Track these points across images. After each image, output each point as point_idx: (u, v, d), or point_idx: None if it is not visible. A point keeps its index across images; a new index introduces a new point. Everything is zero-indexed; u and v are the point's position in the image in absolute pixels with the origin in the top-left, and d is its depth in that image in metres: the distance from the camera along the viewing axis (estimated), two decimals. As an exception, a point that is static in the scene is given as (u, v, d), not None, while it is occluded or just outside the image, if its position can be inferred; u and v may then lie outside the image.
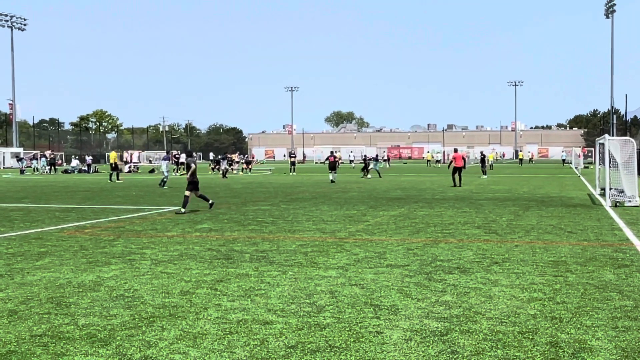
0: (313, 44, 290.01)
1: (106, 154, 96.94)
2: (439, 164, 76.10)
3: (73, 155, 76.73)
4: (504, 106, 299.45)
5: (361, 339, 5.50)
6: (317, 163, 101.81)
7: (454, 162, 29.36)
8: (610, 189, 19.11)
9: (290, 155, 56.14)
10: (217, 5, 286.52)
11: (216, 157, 50.97)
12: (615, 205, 18.41)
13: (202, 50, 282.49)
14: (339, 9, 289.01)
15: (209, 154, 61.81)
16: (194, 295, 7.16)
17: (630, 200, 18.39)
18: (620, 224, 14.02)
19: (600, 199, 20.58)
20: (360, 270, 8.61)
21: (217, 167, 47.39)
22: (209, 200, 17.72)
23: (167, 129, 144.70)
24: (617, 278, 8.05)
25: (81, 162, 63.67)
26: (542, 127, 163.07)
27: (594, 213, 16.57)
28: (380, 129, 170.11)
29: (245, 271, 8.60)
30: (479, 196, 22.94)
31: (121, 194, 25.56)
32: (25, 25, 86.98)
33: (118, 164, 37.67)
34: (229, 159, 47.44)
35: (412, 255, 9.84)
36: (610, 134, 71.96)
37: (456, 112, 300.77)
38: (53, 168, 57.04)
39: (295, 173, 49.45)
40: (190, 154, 18.95)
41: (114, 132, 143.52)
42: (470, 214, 16.46)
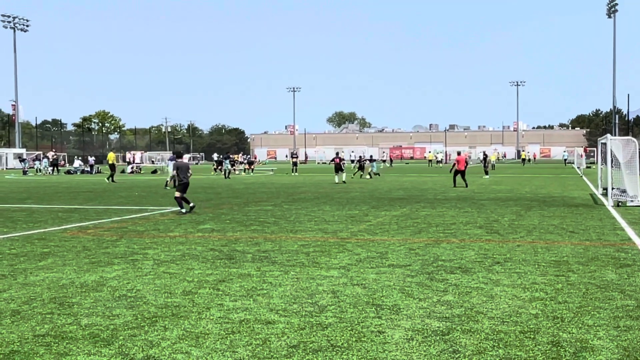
0: (315, 45, 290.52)
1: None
2: (441, 164, 76.06)
3: (75, 156, 76.88)
4: (506, 106, 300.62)
5: (363, 339, 5.52)
6: (319, 163, 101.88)
7: (456, 165, 29.27)
8: (613, 188, 19.11)
9: (293, 155, 56.11)
10: (220, 5, 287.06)
11: (219, 158, 50.97)
12: (618, 205, 18.41)
13: (205, 50, 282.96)
14: (340, 9, 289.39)
15: (214, 154, 61.68)
16: (196, 295, 7.19)
17: (632, 200, 18.38)
18: (623, 223, 14.01)
19: (603, 199, 20.57)
20: (362, 270, 8.63)
21: (220, 168, 47.46)
22: (190, 203, 17.21)
23: (170, 129, 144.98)
24: (619, 278, 8.06)
25: (84, 163, 63.82)
26: (545, 127, 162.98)
27: (596, 213, 16.56)
28: (382, 129, 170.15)
29: (248, 271, 8.63)
30: (480, 196, 22.94)
31: (124, 194, 25.61)
32: (27, 26, 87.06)
33: (116, 165, 37.65)
34: (232, 160, 47.47)
35: (414, 255, 9.85)
36: (612, 133, 71.84)
37: (458, 113, 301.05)
38: (56, 169, 57.08)
39: (297, 173, 49.48)
40: (180, 155, 18.72)
41: (116, 133, 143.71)
42: (472, 214, 16.47)
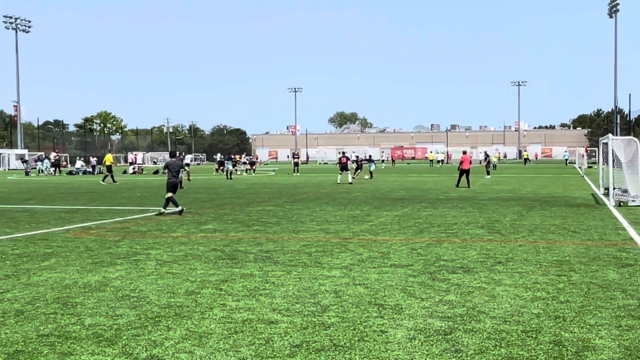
0: (316, 45, 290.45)
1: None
2: (440, 165, 76.05)
3: (77, 157, 76.95)
4: (508, 106, 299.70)
5: (365, 338, 5.54)
6: (321, 164, 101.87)
7: (462, 164, 29.13)
8: (614, 188, 19.11)
9: (294, 156, 56.15)
10: (221, 6, 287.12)
11: (221, 158, 50.96)
12: (619, 204, 18.41)
13: (206, 51, 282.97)
14: (341, 9, 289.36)
15: (218, 154, 61.60)
16: (199, 295, 7.21)
17: (634, 200, 18.38)
18: (624, 223, 14.02)
19: (604, 199, 20.56)
20: (364, 270, 8.65)
21: (222, 168, 47.50)
22: (178, 207, 16.98)
23: (171, 130, 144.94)
24: (621, 277, 8.07)
25: (85, 164, 63.88)
26: (546, 127, 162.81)
27: (598, 213, 16.57)
28: (384, 130, 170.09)
29: (250, 271, 8.65)
30: (482, 196, 22.94)
31: (126, 195, 25.65)
32: (29, 27, 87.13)
33: (113, 167, 37.57)
34: (234, 160, 47.48)
35: (416, 255, 9.87)
36: (614, 133, 71.86)
37: (459, 113, 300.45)
38: (58, 169, 57.17)
39: (299, 174, 49.51)
40: (173, 155, 18.42)
41: (118, 134, 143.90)
42: (473, 214, 16.48)
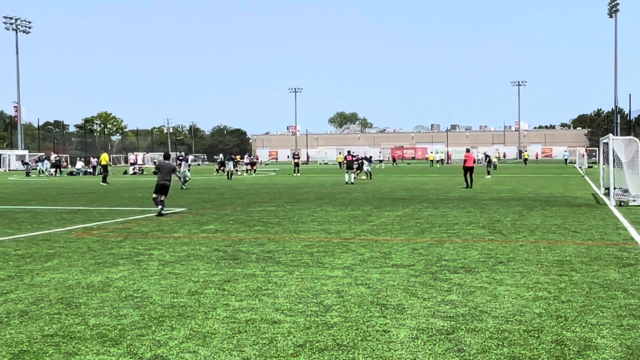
0: (316, 45, 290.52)
1: (111, 156, 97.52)
2: (439, 165, 76.05)
3: (78, 158, 76.99)
4: (508, 106, 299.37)
5: (368, 338, 5.57)
6: (321, 164, 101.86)
7: (466, 162, 28.96)
8: (615, 188, 19.14)
9: (294, 156, 56.18)
10: (221, 6, 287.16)
11: (221, 159, 50.97)
12: (620, 204, 18.44)
13: (206, 51, 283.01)
14: (341, 9, 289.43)
15: (220, 155, 61.64)
16: (202, 296, 7.24)
17: (634, 200, 18.41)
18: (625, 223, 14.05)
19: (605, 199, 20.58)
20: (366, 270, 8.68)
21: (222, 169, 47.52)
22: (162, 208, 16.88)
23: (172, 130, 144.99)
24: (622, 277, 8.10)
25: (86, 164, 63.91)
26: (546, 127, 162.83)
27: (598, 212, 16.59)
28: (384, 130, 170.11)
29: (252, 271, 8.68)
30: (483, 196, 22.97)
31: (127, 195, 25.68)
32: (29, 28, 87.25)
33: (108, 167, 37.58)
34: (234, 160, 47.50)
35: (418, 255, 9.90)
36: (614, 133, 71.84)
37: (460, 113, 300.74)
38: (58, 170, 57.19)
39: (299, 174, 49.54)
40: (167, 157, 18.64)
41: (118, 134, 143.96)
42: (474, 214, 16.51)
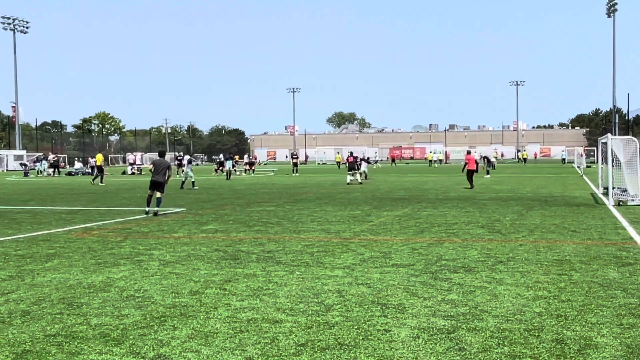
0: (314, 45, 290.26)
1: (109, 156, 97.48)
2: (437, 164, 76.15)
3: (76, 158, 76.94)
4: (506, 106, 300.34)
5: (370, 337, 5.60)
6: (320, 164, 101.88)
7: (467, 165, 28.79)
8: (613, 188, 19.19)
9: (293, 156, 56.18)
10: (219, 6, 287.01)
11: (220, 159, 50.91)
12: (619, 204, 18.49)
13: (204, 51, 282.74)
14: (340, 9, 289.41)
15: (220, 155, 61.65)
16: (203, 295, 7.26)
17: (633, 199, 18.46)
18: (624, 222, 14.09)
19: (603, 198, 20.64)
20: (366, 270, 8.71)
21: (221, 169, 47.52)
22: (148, 206, 17.02)
23: (170, 130, 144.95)
24: (621, 276, 8.14)
25: (84, 165, 63.85)
26: (544, 127, 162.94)
27: (597, 212, 16.64)
28: (382, 130, 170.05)
29: (253, 271, 8.71)
30: (482, 196, 23.01)
31: (126, 195, 25.68)
32: (27, 28, 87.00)
33: (103, 167, 37.51)
34: (234, 160, 47.48)
35: (417, 255, 9.93)
36: (612, 133, 71.96)
37: (458, 113, 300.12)
38: (56, 170, 57.13)
39: (298, 174, 49.57)
40: (162, 154, 18.88)
41: (116, 134, 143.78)
42: (473, 213, 16.54)
